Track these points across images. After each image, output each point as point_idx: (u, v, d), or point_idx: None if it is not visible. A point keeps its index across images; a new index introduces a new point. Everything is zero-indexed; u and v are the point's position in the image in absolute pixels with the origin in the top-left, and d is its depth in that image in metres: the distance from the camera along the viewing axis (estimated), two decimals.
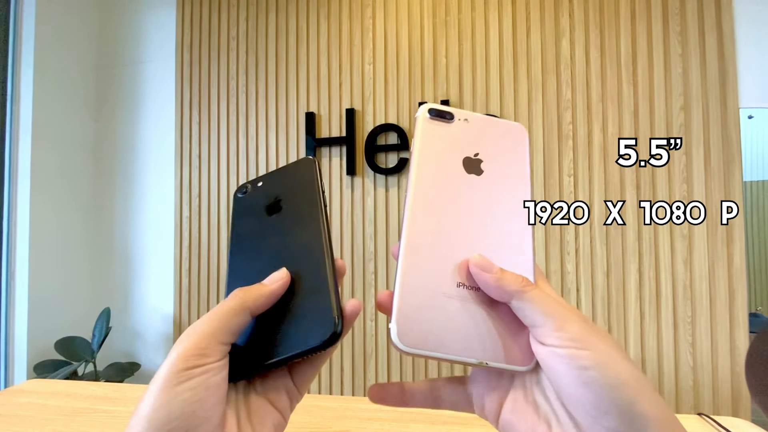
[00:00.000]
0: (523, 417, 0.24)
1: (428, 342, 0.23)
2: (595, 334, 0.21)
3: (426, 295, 0.24)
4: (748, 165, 1.46)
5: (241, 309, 0.24)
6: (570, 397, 0.21)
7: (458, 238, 0.26)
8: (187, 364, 0.21)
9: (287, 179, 0.32)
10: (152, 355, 1.90)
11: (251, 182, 0.34)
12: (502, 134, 0.30)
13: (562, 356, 0.21)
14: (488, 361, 0.24)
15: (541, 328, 0.22)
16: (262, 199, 0.32)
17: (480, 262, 0.24)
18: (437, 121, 0.29)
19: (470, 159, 0.28)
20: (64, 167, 1.86)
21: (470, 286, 0.25)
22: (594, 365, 0.20)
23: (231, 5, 1.87)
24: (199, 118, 1.88)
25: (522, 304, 0.23)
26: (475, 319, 0.24)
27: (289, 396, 0.26)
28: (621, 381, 0.20)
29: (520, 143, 0.30)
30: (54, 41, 1.82)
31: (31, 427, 0.54)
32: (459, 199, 0.27)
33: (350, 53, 1.74)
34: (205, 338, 0.22)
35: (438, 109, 0.29)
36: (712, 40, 1.46)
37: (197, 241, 1.85)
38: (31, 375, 1.63)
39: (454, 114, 0.29)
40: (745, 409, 1.37)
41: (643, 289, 1.46)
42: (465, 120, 0.29)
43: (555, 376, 0.22)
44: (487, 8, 1.62)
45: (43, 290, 1.73)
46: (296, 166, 0.33)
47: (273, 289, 0.25)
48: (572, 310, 0.23)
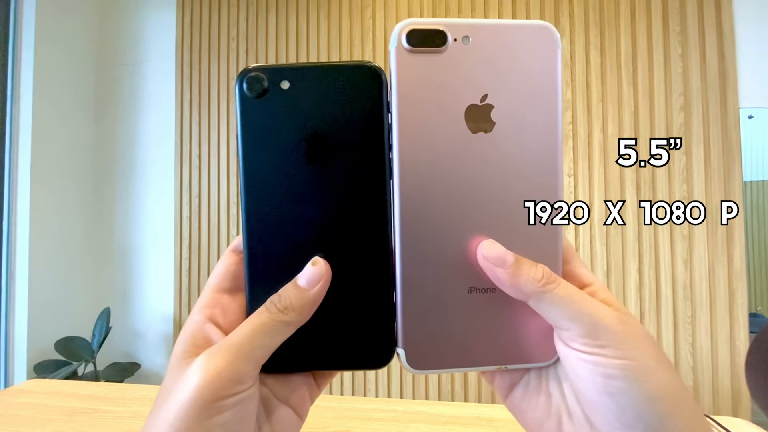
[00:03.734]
0: (533, 406, 0.22)
1: (442, 360, 0.21)
2: (632, 339, 0.19)
3: (433, 311, 0.21)
4: (748, 165, 1.46)
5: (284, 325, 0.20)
6: (591, 402, 0.19)
7: (464, 226, 0.21)
8: (219, 392, 0.18)
9: (335, 99, 0.21)
10: (152, 355, 1.90)
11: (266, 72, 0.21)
12: (519, 52, 0.20)
13: (587, 361, 0.19)
14: (506, 365, 0.22)
15: (566, 331, 0.19)
16: (292, 124, 0.21)
17: (491, 254, 0.20)
18: (422, 53, 0.20)
19: (475, 108, 0.20)
20: (64, 167, 1.86)
21: (483, 289, 0.21)
22: (623, 376, 0.18)
23: (231, 5, 1.87)
24: (199, 118, 1.88)
25: (543, 306, 0.20)
26: (492, 324, 0.21)
27: (309, 395, 0.23)
28: (654, 395, 0.18)
29: (547, 60, 0.21)
30: (54, 41, 1.82)
31: (31, 427, 0.54)
32: (462, 173, 0.20)
33: (350, 53, 1.74)
34: (241, 361, 0.19)
35: (422, 31, 0.20)
36: (712, 39, 1.45)
37: (197, 241, 1.85)
38: (31, 375, 1.63)
39: (447, 33, 0.20)
40: (745, 409, 1.37)
41: (643, 289, 1.46)
42: (465, 38, 0.20)
43: (577, 378, 0.20)
44: (487, 8, 1.62)
45: (43, 290, 1.73)
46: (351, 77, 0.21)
47: (316, 294, 0.20)
48: (604, 311, 0.19)
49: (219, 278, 0.22)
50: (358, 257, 0.21)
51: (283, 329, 0.20)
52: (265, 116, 0.21)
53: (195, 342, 0.20)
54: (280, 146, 0.21)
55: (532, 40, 0.21)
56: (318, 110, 0.21)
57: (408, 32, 0.20)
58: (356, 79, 0.21)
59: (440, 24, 0.20)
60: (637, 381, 0.18)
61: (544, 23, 0.21)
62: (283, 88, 0.21)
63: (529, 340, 0.21)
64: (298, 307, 0.20)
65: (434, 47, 0.20)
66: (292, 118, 0.21)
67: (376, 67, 0.21)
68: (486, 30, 0.20)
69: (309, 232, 0.21)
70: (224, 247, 1.82)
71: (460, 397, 1.55)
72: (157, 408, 0.19)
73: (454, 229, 0.21)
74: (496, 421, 0.52)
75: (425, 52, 0.20)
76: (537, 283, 0.19)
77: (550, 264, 0.21)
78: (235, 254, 0.23)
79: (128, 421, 0.54)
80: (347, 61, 0.21)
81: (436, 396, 1.57)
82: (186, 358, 0.19)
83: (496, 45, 0.20)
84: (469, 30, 0.20)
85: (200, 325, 0.21)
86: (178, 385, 0.18)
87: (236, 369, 0.18)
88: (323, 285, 0.20)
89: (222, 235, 1.83)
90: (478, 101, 0.20)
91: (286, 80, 0.21)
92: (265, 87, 0.21)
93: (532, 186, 0.21)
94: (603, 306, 0.20)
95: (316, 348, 0.22)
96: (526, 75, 0.20)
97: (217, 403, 0.18)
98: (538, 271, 0.20)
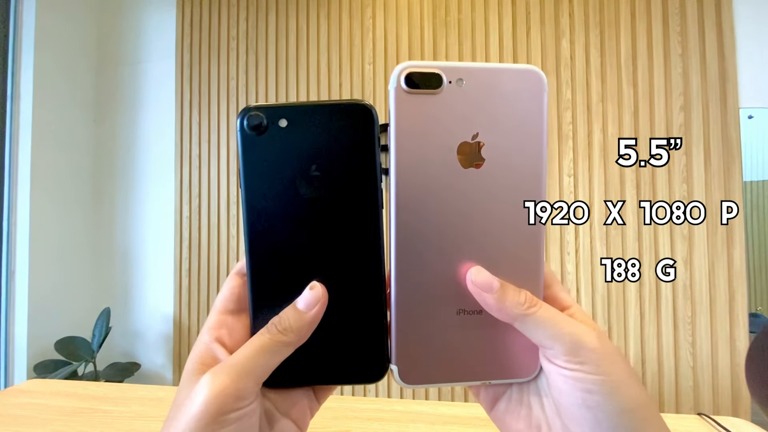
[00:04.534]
0: (515, 418, 0.24)
1: (431, 376, 0.23)
2: (608, 356, 0.20)
3: (424, 331, 0.22)
4: (748, 165, 1.46)
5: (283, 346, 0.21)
6: (571, 415, 0.21)
7: (455, 253, 0.22)
8: (223, 407, 0.19)
9: (329, 136, 0.22)
10: (152, 355, 1.90)
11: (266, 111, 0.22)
12: (509, 95, 0.22)
13: (568, 377, 0.21)
14: (491, 380, 0.23)
15: (549, 350, 0.21)
16: (289, 160, 0.22)
17: (479, 280, 0.22)
18: (419, 94, 0.21)
19: (467, 145, 0.22)
20: (64, 167, 1.86)
21: (471, 311, 0.23)
22: (600, 390, 0.20)
23: (231, 5, 1.87)
24: (199, 118, 1.88)
25: (527, 327, 0.22)
26: (478, 343, 0.23)
27: (310, 408, 0.25)
28: (626, 408, 0.20)
29: (534, 103, 0.22)
30: (54, 41, 1.82)
31: (31, 427, 0.54)
32: (453, 204, 0.22)
33: (350, 53, 1.74)
34: (243, 379, 0.20)
35: (419, 74, 0.21)
36: (712, 40, 1.45)
37: (197, 241, 1.85)
38: (31, 375, 1.63)
39: (442, 76, 0.21)
40: (745, 409, 1.37)
41: (643, 289, 1.46)
42: (459, 81, 0.22)
43: (558, 392, 0.21)
44: (487, 8, 1.62)
45: (43, 290, 1.73)
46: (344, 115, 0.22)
47: (313, 316, 0.22)
48: (582, 330, 0.21)
49: (224, 301, 0.24)
50: (353, 281, 0.23)
51: (283, 349, 0.21)
52: (264, 152, 0.22)
53: (203, 360, 0.22)
54: (279, 180, 0.22)
55: (520, 83, 0.22)
56: (314, 146, 0.22)
57: (407, 75, 0.21)
58: (350, 116, 0.22)
59: (436, 67, 0.21)
60: (612, 395, 0.20)
61: (532, 68, 0.22)
62: (281, 126, 0.22)
63: (511, 357, 0.23)
64: (297, 328, 0.22)
65: (430, 89, 0.21)
66: (290, 154, 0.22)
67: (368, 105, 0.23)
68: (478, 73, 0.22)
69: (307, 259, 0.23)
70: (224, 247, 1.82)
71: (460, 397, 1.55)
72: (169, 420, 0.20)
73: (445, 255, 0.22)
74: None
75: (422, 93, 0.21)
76: (521, 307, 0.21)
77: (532, 288, 0.23)
78: (239, 277, 0.24)
79: (128, 421, 0.54)
80: (342, 100, 0.23)
81: (436, 396, 1.57)
82: (195, 375, 0.21)
83: (487, 87, 0.22)
84: (462, 73, 0.22)
85: (208, 344, 0.22)
86: (187, 401, 0.20)
87: (239, 386, 0.20)
88: (320, 308, 0.22)
89: (222, 235, 1.83)
90: (470, 139, 0.22)
91: (283, 118, 0.22)
92: (265, 125, 0.22)
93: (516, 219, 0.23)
94: (582, 326, 0.21)
95: (315, 364, 0.23)
96: (514, 115, 0.22)
97: (221, 418, 0.19)
98: (521, 295, 0.22)
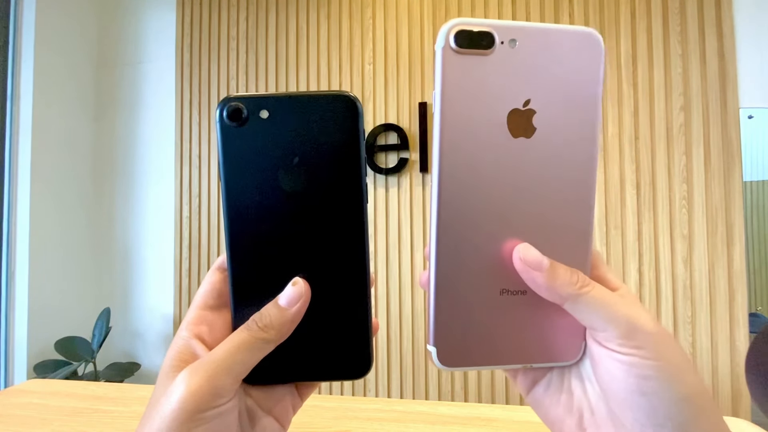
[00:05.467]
0: (554, 402, 0.23)
1: (471, 358, 0.22)
2: (664, 341, 0.20)
3: (465, 310, 0.21)
4: (748, 165, 1.46)
5: (264, 343, 0.21)
6: (622, 401, 0.20)
7: (500, 229, 0.21)
8: (200, 405, 0.19)
9: (312, 127, 0.21)
10: (152, 355, 1.90)
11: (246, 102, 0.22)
12: (565, 59, 0.20)
13: (622, 362, 0.19)
14: (533, 363, 0.22)
15: (602, 332, 0.20)
16: (271, 152, 0.21)
17: (527, 256, 0.21)
18: (469, 54, 0.20)
19: (518, 113, 0.20)
20: (64, 167, 1.86)
21: (515, 291, 0.21)
22: (658, 376, 0.19)
23: (231, 5, 1.87)
24: (199, 118, 1.88)
25: (579, 308, 0.20)
26: (521, 325, 0.22)
27: (292, 406, 0.25)
28: (684, 396, 0.19)
29: (591, 69, 0.21)
30: (54, 41, 1.82)
31: (31, 427, 0.54)
32: (501, 176, 0.20)
33: (350, 53, 1.74)
34: (221, 376, 0.19)
35: (470, 32, 0.19)
36: (712, 40, 1.45)
37: (197, 241, 1.85)
38: (31, 375, 1.63)
39: (494, 35, 0.20)
40: (745, 409, 1.37)
41: (643, 289, 1.46)
42: (512, 42, 0.20)
43: (609, 377, 0.20)
44: (487, 8, 1.62)
45: (43, 290, 1.73)
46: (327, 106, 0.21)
47: (295, 313, 0.21)
48: (638, 309, 0.20)
49: (204, 296, 0.24)
50: (336, 277, 0.22)
51: (263, 346, 0.21)
52: (245, 144, 0.21)
53: (181, 357, 0.21)
54: (260, 172, 0.22)
55: (577, 46, 0.21)
56: (296, 138, 0.21)
57: (456, 33, 0.19)
58: (333, 108, 0.21)
59: (488, 26, 0.20)
60: (669, 381, 0.19)
61: (590, 31, 0.21)
62: (262, 117, 0.21)
63: (554, 340, 0.22)
64: (278, 325, 0.21)
65: (481, 49, 0.20)
66: (271, 146, 0.21)
67: (352, 96, 0.22)
68: (533, 34, 0.20)
69: (289, 254, 0.22)
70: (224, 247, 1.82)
71: (460, 397, 1.55)
72: (145, 418, 0.20)
73: (489, 231, 0.21)
74: (496, 421, 0.52)
75: (472, 53, 0.20)
76: (573, 286, 0.20)
77: (581, 268, 0.21)
78: (219, 272, 0.24)
79: (128, 421, 0.54)
80: (325, 91, 0.22)
81: (436, 396, 1.57)
82: (172, 372, 0.20)
83: (541, 50, 0.20)
84: (516, 33, 0.20)
85: (186, 340, 0.22)
86: (163, 398, 0.19)
87: (216, 384, 0.19)
88: (302, 304, 0.22)
89: (222, 235, 1.83)
90: (521, 106, 0.20)
91: (265, 109, 0.21)
92: (245, 116, 0.22)
93: (566, 192, 0.21)
94: (637, 308, 0.20)
95: (298, 361, 0.23)
96: (569, 82, 0.21)
97: (198, 416, 0.19)
98: (573, 275, 0.21)
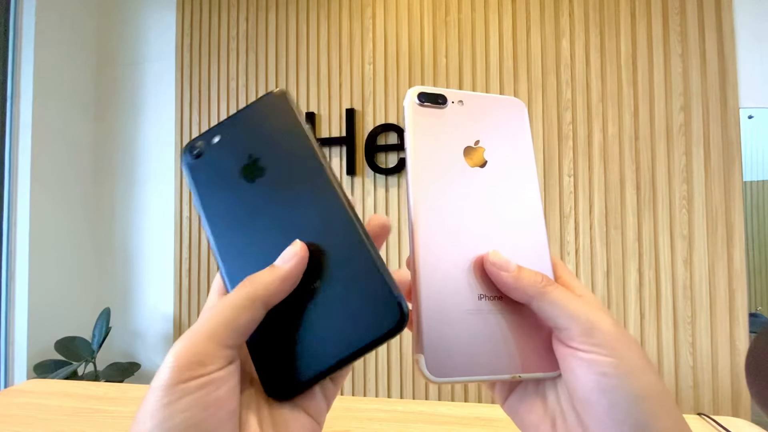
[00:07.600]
0: (529, 409, 0.23)
1: (459, 368, 0.22)
2: (623, 340, 0.20)
3: (450, 318, 0.22)
4: (748, 165, 1.46)
5: (249, 301, 0.19)
6: (585, 401, 0.20)
7: (472, 243, 0.24)
8: (180, 376, 0.17)
9: (255, 127, 0.24)
10: (152, 355, 1.90)
11: (201, 138, 0.25)
12: (500, 114, 0.27)
13: (583, 359, 0.20)
14: (521, 374, 0.23)
15: (565, 330, 0.21)
16: (228, 161, 0.24)
17: (496, 260, 0.23)
18: (429, 108, 0.26)
19: (471, 149, 0.26)
20: (64, 167, 1.86)
21: (491, 296, 0.23)
22: (616, 374, 0.19)
23: (231, 5, 1.87)
24: (199, 118, 1.88)
25: (544, 306, 0.21)
26: (502, 331, 0.23)
27: (325, 396, 0.22)
28: (642, 394, 0.19)
29: (520, 122, 0.28)
30: (54, 41, 1.82)
31: (31, 427, 0.54)
32: (466, 198, 0.25)
33: (350, 53, 1.74)
34: (202, 341, 0.18)
35: (428, 93, 0.26)
36: (712, 40, 1.45)
37: (197, 241, 1.85)
38: (31, 375, 1.63)
39: (446, 96, 0.26)
40: (745, 409, 1.37)
41: (643, 289, 1.46)
42: (460, 102, 0.27)
43: (572, 377, 0.21)
44: (487, 8, 1.62)
45: (43, 290, 1.73)
46: (261, 107, 0.25)
47: (288, 270, 0.20)
48: (599, 311, 0.21)
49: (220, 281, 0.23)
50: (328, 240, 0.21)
51: (250, 305, 0.19)
52: (209, 169, 0.24)
53: None
54: (228, 183, 0.23)
55: (508, 106, 0.28)
56: (248, 144, 0.24)
57: (419, 93, 0.26)
58: (266, 107, 0.25)
59: (441, 90, 0.26)
60: (628, 379, 0.19)
61: (515, 99, 0.28)
62: (214, 143, 0.24)
63: (537, 348, 0.23)
64: (266, 282, 0.20)
65: (438, 104, 0.26)
66: (229, 160, 0.24)
67: (278, 90, 0.25)
68: (475, 98, 0.27)
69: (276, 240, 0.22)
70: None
71: (460, 397, 1.55)
72: None
73: (462, 244, 0.24)
74: (496, 421, 0.52)
75: (431, 107, 0.26)
76: (537, 285, 0.22)
77: (544, 269, 0.24)
78: None
79: (128, 421, 0.54)
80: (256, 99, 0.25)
81: (436, 396, 1.57)
82: None
83: (482, 108, 0.27)
84: (462, 97, 0.27)
85: None
86: None
87: (195, 350, 0.17)
88: (297, 262, 0.20)
89: None
90: (473, 144, 0.26)
91: (215, 135, 0.24)
92: (202, 148, 0.24)
93: (520, 209, 0.26)
94: (597, 309, 0.21)
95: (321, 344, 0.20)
96: (504, 127, 0.27)
97: (179, 386, 0.17)
98: (537, 275, 0.22)
